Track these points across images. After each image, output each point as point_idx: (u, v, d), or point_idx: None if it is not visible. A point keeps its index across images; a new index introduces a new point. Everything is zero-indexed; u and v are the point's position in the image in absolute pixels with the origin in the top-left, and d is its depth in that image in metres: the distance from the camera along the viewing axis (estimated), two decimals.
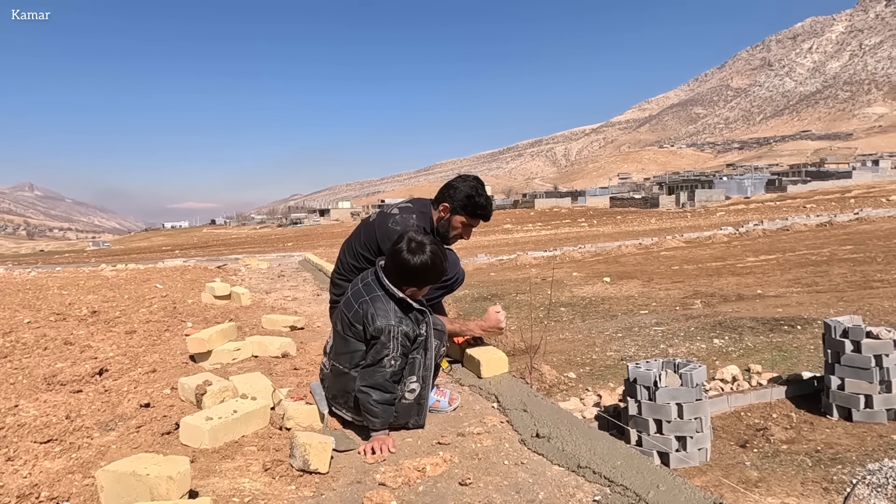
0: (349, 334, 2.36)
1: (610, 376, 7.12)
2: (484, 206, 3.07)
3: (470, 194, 2.99)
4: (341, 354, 2.38)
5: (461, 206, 3.01)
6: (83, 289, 6.69)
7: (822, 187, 72.98)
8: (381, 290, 2.37)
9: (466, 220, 3.05)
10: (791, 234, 23.42)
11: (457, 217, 3.04)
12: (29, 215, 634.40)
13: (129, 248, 75.23)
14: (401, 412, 2.35)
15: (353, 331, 2.34)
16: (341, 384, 2.37)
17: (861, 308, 8.66)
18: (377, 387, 2.25)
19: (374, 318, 2.29)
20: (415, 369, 2.35)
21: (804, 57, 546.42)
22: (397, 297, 2.35)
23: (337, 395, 2.41)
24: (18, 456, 2.11)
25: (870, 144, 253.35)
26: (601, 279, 14.20)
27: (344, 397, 2.38)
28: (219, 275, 7.91)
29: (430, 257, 2.35)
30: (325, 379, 2.49)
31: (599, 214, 66.72)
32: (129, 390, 2.86)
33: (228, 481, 1.89)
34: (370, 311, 2.31)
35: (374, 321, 2.28)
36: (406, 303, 2.37)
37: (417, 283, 2.37)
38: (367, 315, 2.31)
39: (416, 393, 2.36)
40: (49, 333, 4.03)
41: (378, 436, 2.23)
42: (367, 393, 2.25)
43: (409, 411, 2.37)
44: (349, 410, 2.38)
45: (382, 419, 2.25)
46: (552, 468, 1.93)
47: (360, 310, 2.34)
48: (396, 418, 2.34)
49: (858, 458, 4.79)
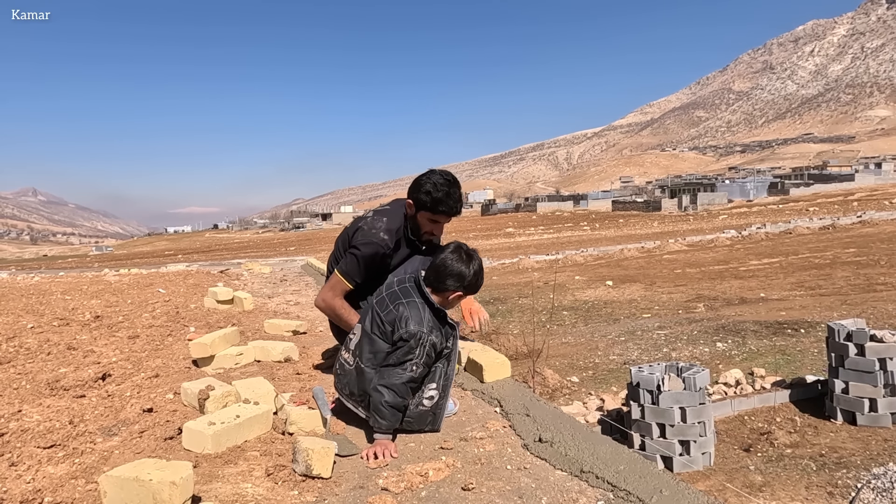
0: (376, 333, 2.37)
1: (613, 380, 7.10)
2: (442, 200, 2.91)
3: (429, 190, 2.90)
4: (365, 353, 2.39)
5: (422, 204, 2.93)
6: (86, 293, 6.70)
7: (824, 190, 72.84)
8: (420, 296, 2.40)
9: (431, 217, 2.96)
10: (794, 237, 23.36)
11: (421, 214, 2.97)
12: (32, 220, 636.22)
13: (132, 253, 75.39)
14: (415, 419, 2.34)
15: (381, 331, 2.36)
16: (361, 383, 2.37)
17: (865, 311, 8.63)
18: (392, 388, 2.24)
19: (407, 321, 2.31)
20: (435, 377, 2.37)
21: (806, 60, 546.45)
22: (435, 305, 2.39)
23: (355, 392, 2.41)
24: (22, 461, 2.11)
25: (872, 147, 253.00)
26: (603, 283, 14.18)
27: (361, 396, 2.37)
28: (221, 279, 7.92)
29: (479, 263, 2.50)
30: (344, 375, 2.47)
31: (601, 218, 66.68)
32: (131, 395, 2.86)
33: (231, 486, 1.89)
34: (405, 315, 2.33)
35: (406, 324, 2.30)
36: (442, 313, 2.40)
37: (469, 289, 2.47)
38: (401, 317, 2.33)
39: (434, 401, 2.36)
40: (52, 338, 4.04)
41: (381, 440, 2.22)
42: (381, 392, 2.25)
43: (423, 419, 2.36)
44: (365, 409, 2.37)
45: (389, 422, 2.25)
46: (555, 473, 1.92)
47: (395, 311, 2.36)
48: (410, 424, 2.34)
49: (863, 462, 4.77)
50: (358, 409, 2.41)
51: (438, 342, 2.35)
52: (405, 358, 2.27)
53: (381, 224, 2.99)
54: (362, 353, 2.40)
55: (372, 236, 2.98)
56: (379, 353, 2.35)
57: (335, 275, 3.05)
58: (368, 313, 2.49)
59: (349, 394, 2.43)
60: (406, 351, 2.28)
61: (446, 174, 2.98)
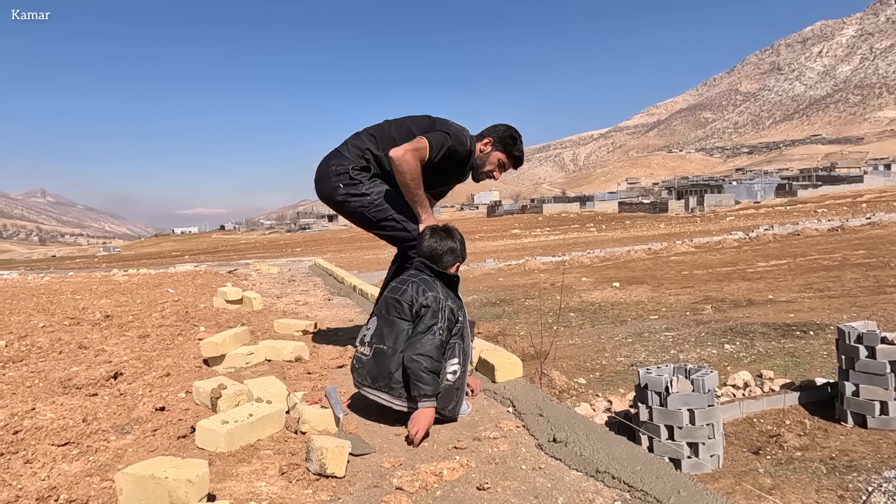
0: (394, 315, 2.45)
1: (620, 382, 7.08)
2: (522, 151, 3.31)
3: (514, 136, 3.22)
4: (385, 337, 2.43)
5: (503, 144, 3.22)
6: (96, 293, 6.74)
7: (833, 192, 72.40)
8: (429, 272, 2.56)
9: (503, 160, 3.24)
10: (802, 238, 23.23)
11: (496, 154, 3.24)
12: (41, 221, 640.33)
13: (140, 254, 75.76)
14: (441, 397, 2.37)
15: (399, 310, 2.44)
16: (382, 366, 2.39)
17: (875, 313, 8.57)
18: (427, 354, 2.30)
19: (424, 292, 2.43)
20: (455, 353, 2.45)
21: (814, 61, 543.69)
22: (446, 273, 2.57)
23: (377, 377, 2.40)
24: (37, 458, 2.12)
25: (881, 149, 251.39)
26: (610, 284, 14.14)
27: (385, 380, 2.38)
28: (230, 280, 7.94)
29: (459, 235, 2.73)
30: (362, 367, 2.48)
31: (608, 219, 66.52)
32: (143, 394, 2.87)
33: (245, 485, 1.90)
34: (420, 287, 2.46)
35: (423, 294, 2.42)
36: (452, 280, 2.56)
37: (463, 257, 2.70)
38: (417, 291, 2.44)
39: (457, 376, 2.42)
40: (63, 337, 4.06)
41: (426, 408, 2.29)
42: (418, 361, 2.29)
43: (448, 396, 2.39)
44: (387, 392, 2.39)
45: (433, 387, 2.30)
46: (570, 473, 1.92)
47: (408, 288, 2.47)
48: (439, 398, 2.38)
49: (874, 465, 4.73)
50: (380, 397, 2.41)
51: (455, 308, 2.46)
52: (430, 323, 2.36)
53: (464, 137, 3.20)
54: (382, 339, 2.43)
55: (461, 135, 3.21)
56: (401, 333, 2.40)
57: (421, 139, 3.14)
58: (382, 302, 2.57)
59: (370, 382, 2.43)
60: (429, 318, 2.37)
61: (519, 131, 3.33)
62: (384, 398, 2.40)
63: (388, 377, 2.37)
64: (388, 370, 2.37)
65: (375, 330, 2.50)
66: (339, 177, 3.41)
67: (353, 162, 3.39)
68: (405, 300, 2.44)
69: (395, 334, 2.41)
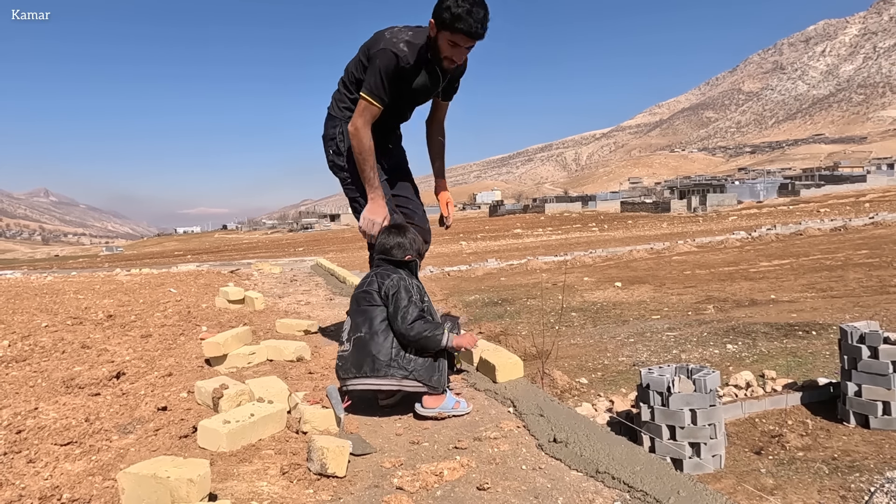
0: (364, 305, 2.55)
1: (622, 382, 7.08)
2: (462, 17, 2.60)
3: (449, 5, 2.61)
4: (360, 325, 2.52)
5: (441, 21, 2.66)
6: (98, 293, 6.76)
7: (836, 191, 72.22)
8: (386, 264, 2.69)
9: (450, 37, 2.70)
10: (805, 238, 23.19)
11: (441, 34, 2.72)
12: (44, 221, 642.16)
13: (142, 254, 75.90)
14: (424, 369, 2.45)
15: (368, 299, 2.55)
16: (363, 352, 2.47)
17: (878, 313, 8.56)
18: (418, 319, 2.44)
19: (387, 276, 2.58)
20: None
21: (817, 60, 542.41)
22: (401, 262, 2.69)
23: (361, 364, 2.46)
24: (39, 458, 2.13)
25: (884, 148, 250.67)
26: (612, 284, 14.14)
27: (369, 363, 2.44)
28: (232, 279, 7.95)
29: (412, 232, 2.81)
30: (345, 363, 2.54)
31: (610, 219, 66.46)
32: (146, 394, 2.88)
33: (247, 485, 1.90)
34: (384, 273, 2.60)
35: (387, 278, 2.55)
36: (410, 266, 2.71)
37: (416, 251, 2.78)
38: (381, 277, 2.57)
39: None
40: (66, 337, 4.07)
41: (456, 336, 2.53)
42: (414, 328, 2.42)
43: (431, 371, 2.46)
44: (373, 375, 2.45)
45: (440, 328, 2.45)
46: (570, 473, 1.92)
47: (373, 279, 2.60)
48: (419, 374, 2.44)
49: (876, 465, 4.73)
50: (366, 383, 2.47)
51: (421, 287, 2.63)
52: (406, 298, 2.48)
53: (404, 35, 2.80)
54: (358, 328, 2.53)
55: (391, 45, 2.79)
56: (375, 317, 2.49)
57: (361, 97, 2.88)
58: (352, 301, 2.68)
59: (355, 372, 2.48)
60: (404, 294, 2.48)
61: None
62: (372, 383, 2.45)
63: (372, 360, 2.44)
64: (370, 353, 2.45)
65: (351, 326, 2.59)
66: (330, 143, 3.23)
67: (341, 125, 3.14)
68: (372, 289, 2.55)
69: (369, 320, 2.50)
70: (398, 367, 2.43)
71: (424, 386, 2.44)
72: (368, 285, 2.59)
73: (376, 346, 2.44)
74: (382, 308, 2.50)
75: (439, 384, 2.48)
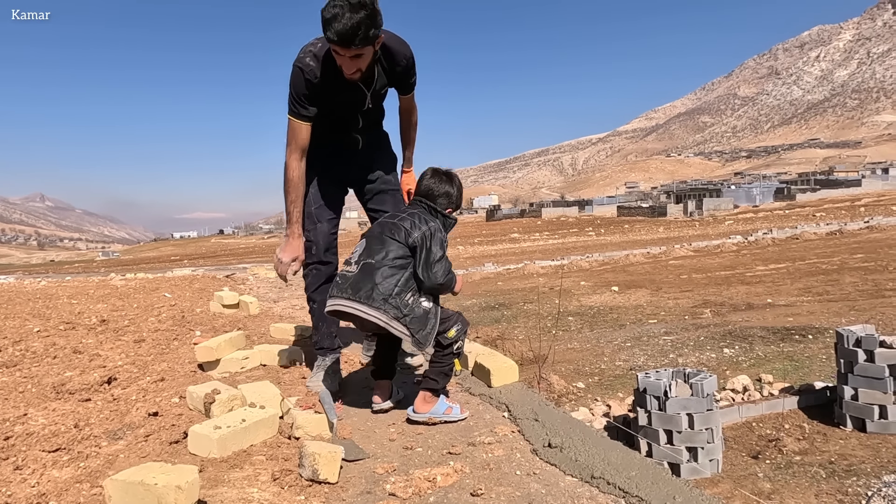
0: (388, 235, 2.48)
1: (619, 386, 7.06)
2: (327, 22, 2.34)
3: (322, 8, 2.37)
4: (374, 252, 2.44)
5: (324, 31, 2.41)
6: (92, 298, 6.72)
7: (831, 196, 72.51)
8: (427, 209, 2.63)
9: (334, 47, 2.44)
10: (801, 242, 23.25)
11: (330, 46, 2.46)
12: (40, 226, 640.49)
13: (139, 258, 75.68)
14: (418, 318, 2.39)
15: (396, 232, 2.47)
16: (367, 278, 2.40)
17: (873, 317, 8.56)
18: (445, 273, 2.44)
19: (425, 221, 2.51)
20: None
21: (812, 65, 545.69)
22: (442, 214, 2.63)
23: (360, 288, 2.40)
24: (27, 465, 2.10)
25: (879, 153, 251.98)
26: (609, 288, 14.13)
27: (367, 291, 2.38)
28: (227, 284, 7.92)
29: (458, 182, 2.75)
30: (344, 282, 2.47)
31: (607, 223, 66.56)
32: (137, 399, 2.85)
33: (237, 491, 1.87)
34: (421, 217, 2.53)
35: (424, 223, 2.49)
36: (449, 222, 2.65)
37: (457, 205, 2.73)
38: (417, 219, 2.51)
39: (430, 309, 2.45)
40: (58, 342, 4.03)
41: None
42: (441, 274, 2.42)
43: (422, 322, 2.40)
44: (366, 303, 2.37)
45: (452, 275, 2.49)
46: (565, 479, 1.90)
47: (407, 217, 2.53)
48: (412, 322, 2.38)
49: (873, 469, 4.72)
50: (354, 307, 2.40)
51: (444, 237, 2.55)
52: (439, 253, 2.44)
53: (312, 48, 2.61)
54: (371, 254, 2.45)
55: (298, 60, 2.62)
56: (391, 251, 2.42)
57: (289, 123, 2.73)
58: (376, 225, 2.62)
59: (350, 294, 2.41)
60: (438, 247, 2.44)
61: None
62: (362, 310, 2.39)
63: (372, 288, 2.39)
64: (373, 281, 2.40)
65: (364, 249, 2.51)
66: None
67: None
68: (404, 225, 2.47)
69: (385, 251, 2.44)
70: (393, 306, 2.37)
71: (411, 336, 2.38)
72: (401, 220, 2.50)
73: (381, 277, 2.39)
74: (403, 247, 2.43)
75: (425, 341, 2.42)
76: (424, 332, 2.40)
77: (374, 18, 2.40)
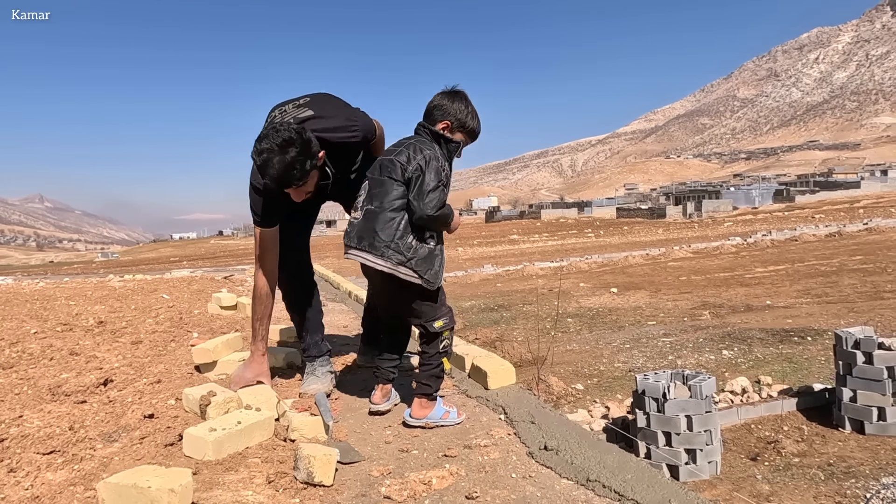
0: (385, 175, 2.43)
1: (618, 388, 7.05)
2: (261, 167, 2.42)
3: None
4: (374, 197, 2.42)
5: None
6: (90, 299, 6.71)
7: (830, 197, 72.57)
8: (427, 134, 2.54)
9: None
10: (800, 244, 23.25)
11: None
12: (39, 227, 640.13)
13: (138, 259, 75.64)
14: (422, 259, 2.37)
15: (391, 170, 2.41)
16: (369, 225, 2.39)
17: (872, 319, 8.56)
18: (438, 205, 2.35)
19: (419, 150, 2.42)
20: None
21: (811, 67, 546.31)
22: (442, 136, 2.52)
23: (363, 236, 2.39)
24: (21, 467, 2.09)
25: (878, 154, 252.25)
26: (608, 290, 14.12)
27: (369, 238, 2.38)
28: (225, 285, 7.91)
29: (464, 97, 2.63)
30: (352, 230, 2.47)
31: (606, 225, 66.56)
32: (133, 401, 2.84)
33: (231, 494, 1.87)
34: (416, 147, 2.44)
35: (419, 153, 2.41)
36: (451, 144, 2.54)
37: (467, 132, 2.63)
38: (413, 151, 2.42)
39: (433, 246, 2.42)
40: (55, 344, 4.02)
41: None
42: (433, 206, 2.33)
43: (430, 261, 2.39)
44: (370, 251, 2.37)
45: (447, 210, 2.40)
46: (561, 482, 1.89)
47: (404, 150, 2.45)
48: (418, 264, 2.35)
49: (872, 471, 4.71)
50: (362, 256, 2.40)
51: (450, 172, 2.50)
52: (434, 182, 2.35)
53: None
54: (371, 199, 2.43)
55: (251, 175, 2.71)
56: (390, 192, 2.39)
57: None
58: (375, 164, 2.53)
59: (356, 243, 2.42)
60: (433, 176, 2.36)
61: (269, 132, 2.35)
62: (368, 258, 2.40)
63: (373, 236, 2.38)
64: (374, 229, 2.38)
65: (367, 193, 2.49)
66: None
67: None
68: (399, 160, 2.42)
69: (384, 194, 2.41)
70: (396, 251, 2.35)
71: (418, 278, 2.35)
72: (397, 155, 2.44)
73: (381, 223, 2.36)
74: (400, 186, 2.39)
75: (434, 280, 2.39)
76: (432, 272, 2.40)
77: (307, 150, 2.35)
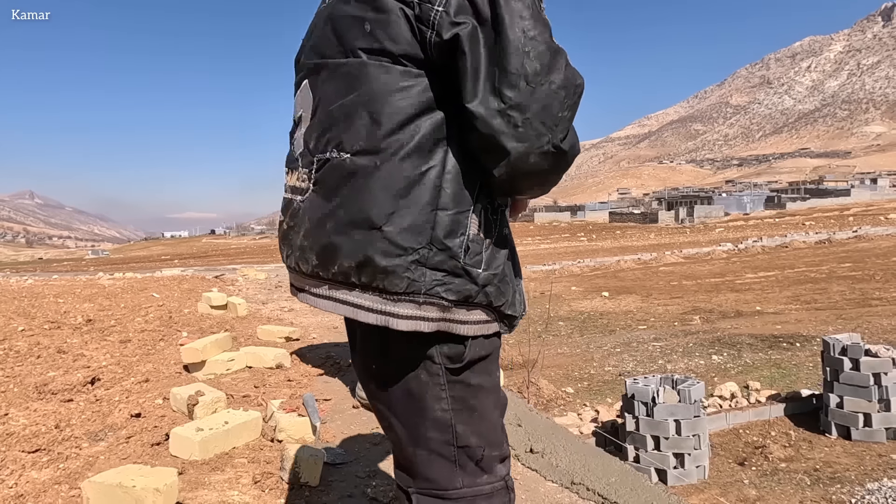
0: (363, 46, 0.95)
1: (608, 392, 7.08)
2: None
3: None
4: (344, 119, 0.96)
5: None
6: (79, 297, 6.66)
7: (820, 205, 73.13)
8: None
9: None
10: (790, 251, 23.43)
11: None
12: (28, 223, 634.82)
13: (128, 258, 75.10)
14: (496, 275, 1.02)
15: (377, 29, 0.93)
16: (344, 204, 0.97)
17: (860, 326, 8.64)
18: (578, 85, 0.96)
19: None
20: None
21: (803, 75, 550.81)
22: None
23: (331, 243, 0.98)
24: (5, 465, 2.08)
25: (868, 163, 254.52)
26: (600, 294, 14.18)
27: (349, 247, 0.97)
28: (216, 285, 7.88)
29: None
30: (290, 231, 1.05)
31: (598, 229, 66.76)
32: (120, 400, 2.82)
33: (217, 494, 1.86)
34: None
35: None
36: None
37: None
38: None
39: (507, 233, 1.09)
40: (43, 342, 3.99)
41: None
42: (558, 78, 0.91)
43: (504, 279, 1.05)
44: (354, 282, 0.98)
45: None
46: (546, 484, 1.90)
47: None
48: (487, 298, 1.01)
49: (857, 477, 4.75)
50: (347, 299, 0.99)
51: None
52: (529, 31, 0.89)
53: None
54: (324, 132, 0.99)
55: None
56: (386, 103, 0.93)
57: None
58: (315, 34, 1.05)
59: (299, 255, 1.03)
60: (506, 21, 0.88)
61: None
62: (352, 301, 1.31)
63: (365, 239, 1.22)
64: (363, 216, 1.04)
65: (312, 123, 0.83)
66: None
67: None
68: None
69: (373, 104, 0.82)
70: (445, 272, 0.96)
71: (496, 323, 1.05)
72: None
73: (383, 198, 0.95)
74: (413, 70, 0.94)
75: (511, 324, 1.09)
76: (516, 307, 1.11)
77: None
